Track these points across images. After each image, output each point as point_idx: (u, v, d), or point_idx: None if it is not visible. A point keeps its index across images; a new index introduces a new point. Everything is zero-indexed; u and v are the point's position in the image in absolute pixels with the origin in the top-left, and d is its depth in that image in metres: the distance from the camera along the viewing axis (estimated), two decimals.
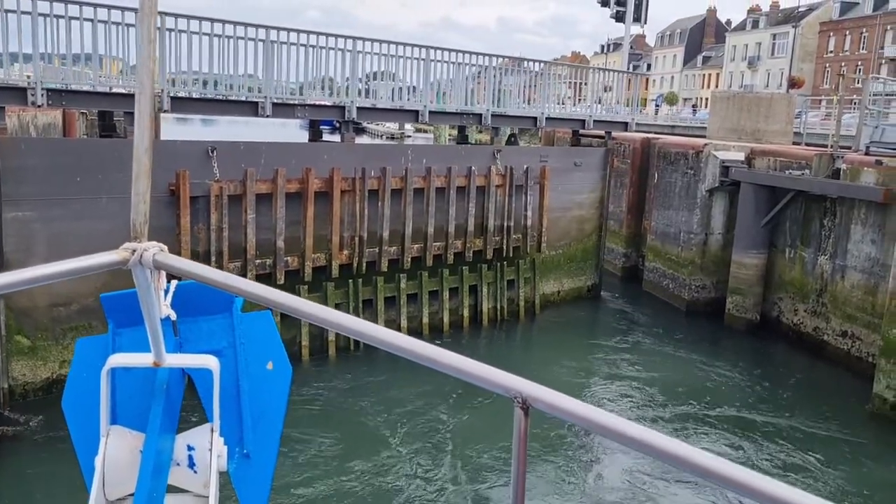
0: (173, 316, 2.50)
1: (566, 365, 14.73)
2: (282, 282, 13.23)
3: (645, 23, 24.06)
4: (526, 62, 18.39)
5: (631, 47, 26.15)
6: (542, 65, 18.32)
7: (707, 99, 75.51)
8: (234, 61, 13.04)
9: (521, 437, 1.38)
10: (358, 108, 14.75)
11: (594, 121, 18.64)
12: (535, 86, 18.00)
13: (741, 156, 17.98)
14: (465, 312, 16.21)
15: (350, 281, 14.47)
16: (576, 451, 11.13)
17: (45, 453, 9.43)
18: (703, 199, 18.16)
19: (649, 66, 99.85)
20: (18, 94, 11.05)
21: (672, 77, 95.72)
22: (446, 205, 15.53)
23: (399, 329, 14.41)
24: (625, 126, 19.39)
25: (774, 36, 78.69)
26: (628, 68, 24.92)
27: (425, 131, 58.97)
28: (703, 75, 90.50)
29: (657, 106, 79.51)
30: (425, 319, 15.49)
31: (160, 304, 2.24)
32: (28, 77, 11.31)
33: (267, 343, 2.93)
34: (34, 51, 10.93)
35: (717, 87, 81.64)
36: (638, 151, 21.08)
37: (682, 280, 18.72)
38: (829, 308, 15.49)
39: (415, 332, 14.83)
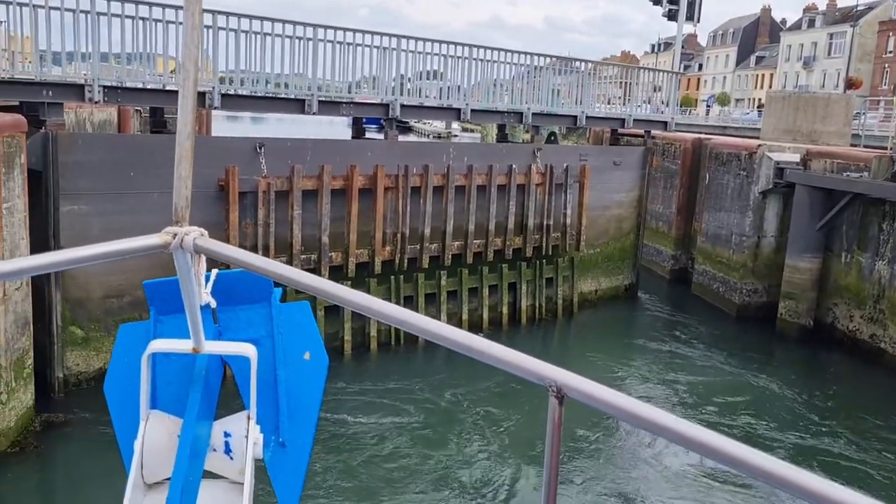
0: (213, 303, 2.50)
1: (607, 364, 14.63)
2: (326, 277, 13.29)
3: (698, 22, 23.58)
4: (574, 62, 18.27)
5: (682, 47, 25.66)
6: (587, 64, 18.18)
7: (760, 99, 73.90)
8: (282, 59, 13.21)
9: (556, 426, 1.34)
10: (402, 106, 14.85)
11: (634, 120, 18.49)
12: (582, 85, 17.82)
13: (796, 157, 17.51)
14: (504, 310, 16.21)
15: (392, 277, 14.59)
16: (610, 441, 11.06)
17: (92, 439, 9.67)
18: (756, 201, 17.73)
19: (701, 66, 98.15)
20: (76, 90, 11.35)
21: (724, 77, 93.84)
22: (487, 203, 15.56)
23: None
24: (664, 125, 19.22)
25: (831, 35, 76.48)
26: (679, 68, 24.50)
27: (472, 130, 58.97)
28: (757, 75, 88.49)
29: (708, 106, 78.07)
30: (465, 316, 15.51)
31: (200, 290, 2.24)
32: (85, 75, 11.61)
33: (305, 333, 2.92)
34: (93, 49, 11.21)
35: (770, 87, 79.74)
36: (689, 152, 20.69)
37: (733, 284, 18.30)
38: (886, 315, 14.96)
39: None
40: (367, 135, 16.69)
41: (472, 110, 15.91)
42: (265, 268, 1.74)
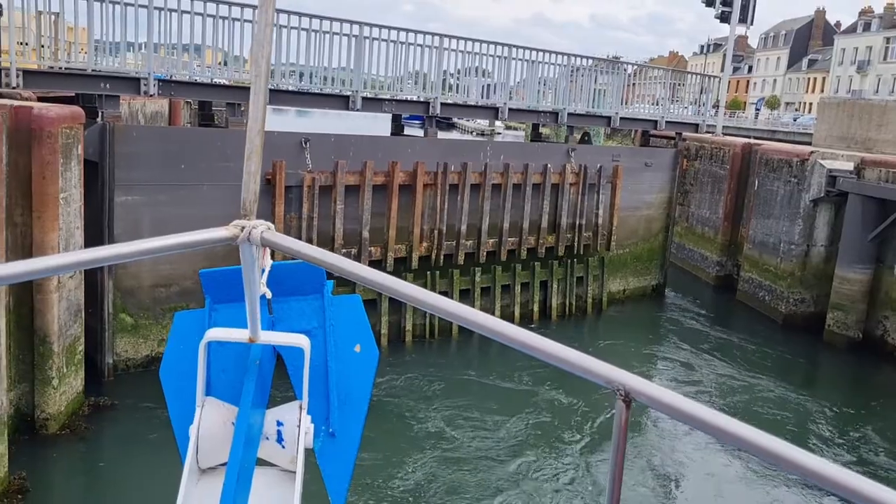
0: (269, 294, 2.55)
1: (638, 365, 14.58)
2: None
3: (751, 24, 23.18)
4: (612, 63, 18.22)
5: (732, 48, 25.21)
6: (621, 65, 18.23)
7: (811, 104, 72.25)
8: (328, 55, 13.42)
9: (622, 429, 1.35)
10: (442, 104, 15.07)
11: (666, 122, 18.64)
12: (632, 85, 17.84)
13: (850, 165, 17.08)
14: (535, 307, 16.50)
15: (428, 272, 14.82)
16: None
17: (139, 423, 9.92)
18: (806, 209, 17.35)
19: (750, 69, 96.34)
20: (132, 83, 11.64)
21: (774, 80, 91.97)
22: (522, 201, 15.77)
23: None
24: (695, 128, 19.38)
25: (888, 39, 74.31)
26: (729, 70, 24.11)
27: (515, 129, 58.77)
28: (808, 79, 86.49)
29: (757, 109, 76.55)
30: (497, 313, 15.66)
31: (260, 282, 2.29)
32: (139, 66, 11.90)
33: (355, 326, 2.96)
34: (148, 42, 11.49)
35: (822, 91, 77.84)
36: (738, 157, 20.34)
37: (780, 292, 17.94)
38: None
39: None
40: (407, 131, 16.92)
41: (510, 109, 16.16)
42: (328, 261, 1.77)
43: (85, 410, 10.28)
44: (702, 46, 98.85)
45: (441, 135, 17.64)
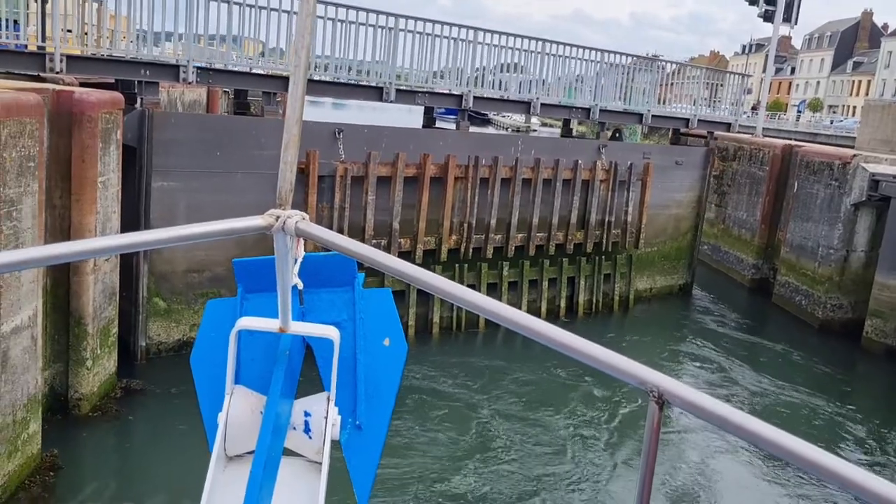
0: (300, 285, 2.54)
1: (665, 365, 14.47)
2: None
3: (795, 24, 22.73)
4: (653, 60, 18.04)
5: (775, 48, 24.72)
6: (666, 64, 18.07)
7: (855, 107, 70.67)
8: (364, 47, 13.48)
9: (654, 431, 1.32)
10: (475, 98, 15.08)
11: (698, 120, 18.55)
12: (670, 84, 17.67)
13: (894, 170, 16.67)
14: (562, 303, 16.50)
15: (456, 265, 14.85)
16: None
17: (169, 406, 10.06)
18: (847, 213, 16.97)
19: (793, 70, 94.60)
20: (172, 70, 11.76)
21: (818, 82, 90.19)
22: (552, 197, 15.77)
23: None
24: (727, 127, 19.26)
25: None
26: (771, 71, 23.69)
27: (551, 125, 58.43)
28: (853, 82, 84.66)
29: (799, 112, 75.16)
30: (524, 308, 15.62)
31: (293, 272, 2.29)
32: (178, 55, 12.02)
33: (385, 319, 2.94)
34: (186, 31, 11.59)
35: (867, 95, 76.12)
36: (778, 159, 19.96)
37: (817, 297, 17.58)
38: None
39: None
40: (438, 124, 16.96)
41: (543, 104, 16.15)
42: (362, 253, 1.75)
43: (117, 392, 10.44)
44: (743, 46, 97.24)
45: (476, 130, 17.63)
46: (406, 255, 14.02)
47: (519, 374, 12.87)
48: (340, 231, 13.03)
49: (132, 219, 10.95)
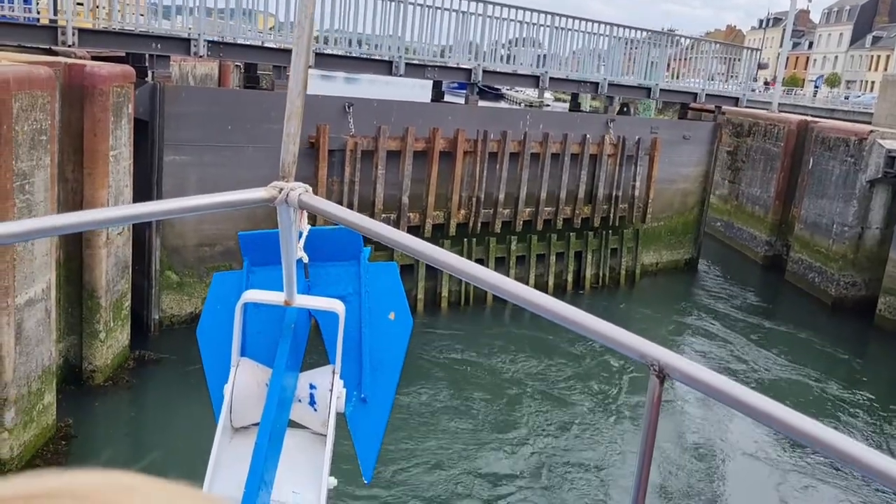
0: (305, 259, 2.54)
1: (670, 338, 14.55)
2: None
3: None
4: (660, 34, 17.83)
5: (793, 23, 24.36)
6: (687, 40, 17.77)
7: (873, 83, 69.57)
8: (373, 21, 13.37)
9: (654, 405, 1.33)
10: (483, 72, 15.02)
11: (706, 95, 18.43)
12: (686, 59, 17.52)
13: None
14: (569, 277, 16.58)
15: (465, 240, 14.89)
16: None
17: (181, 378, 10.19)
18: (862, 189, 16.79)
19: (811, 44, 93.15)
20: (183, 44, 11.72)
21: (836, 57, 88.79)
22: (559, 171, 15.74)
23: None
24: (735, 101, 19.08)
25: None
26: (789, 46, 23.35)
27: (564, 101, 57.93)
28: (872, 57, 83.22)
29: (816, 87, 74.12)
30: (531, 282, 15.70)
31: (298, 245, 2.29)
32: (190, 29, 11.98)
33: (391, 293, 2.95)
34: (198, 4, 11.54)
35: (885, 70, 74.88)
36: (793, 134, 19.74)
37: (830, 275, 17.47)
38: None
39: None
40: (447, 98, 16.89)
41: (551, 78, 16.07)
42: (366, 226, 1.75)
43: (130, 364, 10.57)
44: (761, 21, 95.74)
45: (488, 105, 17.53)
46: (415, 230, 14.00)
47: (525, 348, 12.93)
48: (350, 205, 13.04)
49: (144, 192, 10.99)
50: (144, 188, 11.04)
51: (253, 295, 2.61)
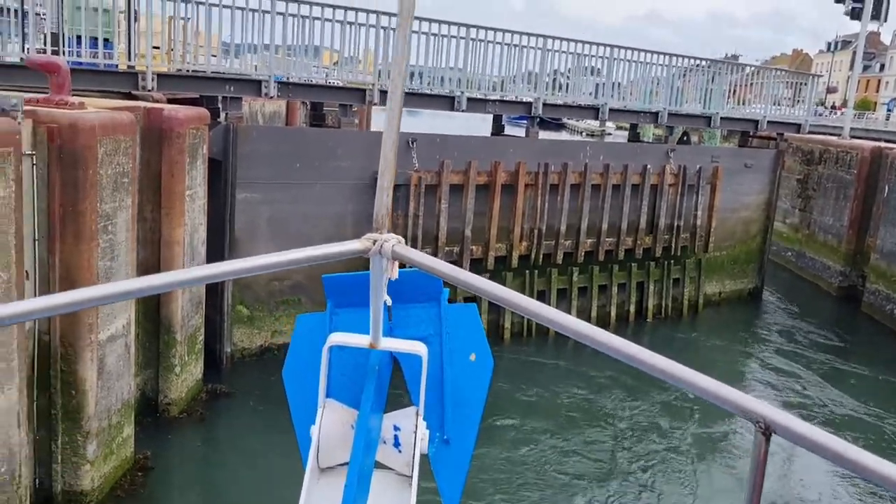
0: (389, 301, 2.60)
1: (738, 370, 14.33)
2: (466, 270, 13.72)
3: (885, 20, 21.77)
4: (723, 63, 17.58)
5: (863, 45, 23.75)
6: (748, 69, 17.50)
7: None
8: (436, 56, 13.68)
9: (760, 463, 1.30)
10: (544, 105, 15.16)
11: (767, 122, 18.21)
12: (749, 84, 17.31)
13: None
14: (631, 308, 16.45)
15: (526, 271, 14.98)
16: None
17: (252, 409, 10.43)
18: None
19: (882, 67, 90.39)
20: (254, 86, 12.17)
21: None
22: (620, 202, 15.77)
23: None
24: (797, 128, 18.77)
25: None
26: (859, 69, 22.74)
27: (626, 128, 57.53)
28: None
29: (889, 111, 71.73)
30: (593, 312, 15.80)
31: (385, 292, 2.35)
32: (257, 65, 12.46)
33: (471, 334, 2.98)
34: (270, 45, 11.97)
35: None
36: (866, 161, 19.15)
37: None
38: None
39: None
40: (510, 131, 17.04)
41: (610, 109, 16.17)
42: (461, 279, 1.79)
43: (203, 396, 10.83)
44: (829, 44, 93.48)
45: (549, 135, 17.62)
46: (478, 262, 14.24)
47: (597, 387, 12.65)
48: (414, 239, 13.21)
49: (218, 229, 11.36)
50: (218, 225, 11.41)
51: (339, 338, 2.67)
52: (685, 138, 21.81)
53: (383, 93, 13.48)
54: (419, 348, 2.67)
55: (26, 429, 7.37)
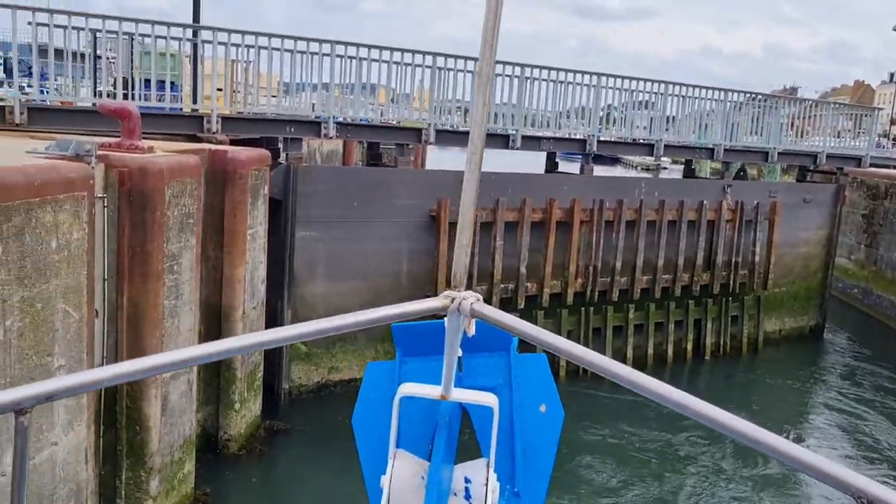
0: (459, 352, 2.60)
1: (798, 410, 13.95)
2: (521, 307, 14.01)
3: None
4: (777, 98, 17.33)
5: None
6: (809, 101, 17.18)
7: None
8: (495, 96, 13.78)
9: None
10: (598, 141, 15.22)
11: (826, 156, 18.00)
12: (810, 117, 17.08)
13: None
14: (689, 345, 16.20)
15: (582, 309, 14.86)
16: None
17: (310, 446, 10.49)
18: None
19: None
20: (314, 127, 12.48)
21: None
22: (676, 238, 15.64)
23: (625, 360, 14.78)
24: (857, 162, 18.46)
25: None
26: None
27: (682, 162, 56.88)
28: None
29: None
30: (650, 350, 15.62)
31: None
32: (315, 104, 12.80)
33: (541, 385, 2.96)
34: (330, 87, 12.29)
35: None
36: None
37: None
38: None
39: (639, 361, 15.13)
40: (563, 166, 17.02)
41: (665, 146, 16.12)
42: (541, 338, 1.78)
43: (261, 433, 10.94)
44: (891, 74, 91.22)
45: (604, 170, 17.60)
46: (533, 299, 14.23)
47: (663, 424, 12.27)
48: (469, 276, 13.22)
49: (278, 267, 11.57)
50: (278, 263, 11.62)
51: (410, 388, 2.67)
52: (742, 173, 21.51)
53: (438, 132, 13.67)
54: (490, 399, 2.65)
55: (93, 465, 7.54)
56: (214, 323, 10.08)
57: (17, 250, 6.05)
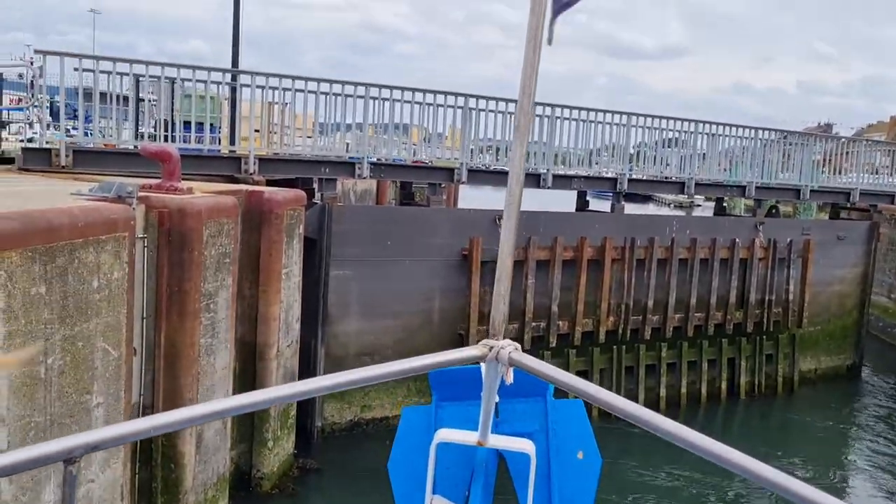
0: (496, 398, 2.61)
1: (836, 451, 13.63)
2: (553, 345, 14.00)
3: None
4: (809, 135, 17.29)
5: None
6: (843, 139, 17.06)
7: None
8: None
9: None
10: (629, 180, 15.31)
11: (860, 192, 17.91)
12: (845, 153, 17.00)
13: None
14: (723, 385, 15.99)
15: (614, 347, 14.73)
16: None
17: (342, 486, 10.40)
18: None
19: None
20: (348, 167, 12.70)
21: None
22: (709, 276, 15.57)
23: (658, 399, 14.81)
24: (891, 199, 18.37)
25: None
26: None
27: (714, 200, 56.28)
28: None
29: None
30: (683, 389, 15.45)
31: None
32: (349, 144, 13.03)
33: (578, 431, 2.95)
34: (364, 129, 12.50)
35: None
36: None
37: None
38: None
39: (672, 401, 15.01)
40: (595, 203, 17.02)
41: (697, 184, 16.12)
42: (578, 387, 1.79)
43: (294, 472, 10.92)
44: None
45: (636, 208, 17.56)
46: (565, 338, 14.17)
47: (711, 482, 11.95)
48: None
49: (312, 304, 11.66)
50: (312, 301, 11.72)
51: (447, 434, 2.68)
52: (774, 210, 21.34)
53: (470, 171, 13.80)
54: (527, 447, 2.65)
55: (128, 501, 7.59)
56: (249, 360, 10.17)
57: (60, 290, 6.20)
